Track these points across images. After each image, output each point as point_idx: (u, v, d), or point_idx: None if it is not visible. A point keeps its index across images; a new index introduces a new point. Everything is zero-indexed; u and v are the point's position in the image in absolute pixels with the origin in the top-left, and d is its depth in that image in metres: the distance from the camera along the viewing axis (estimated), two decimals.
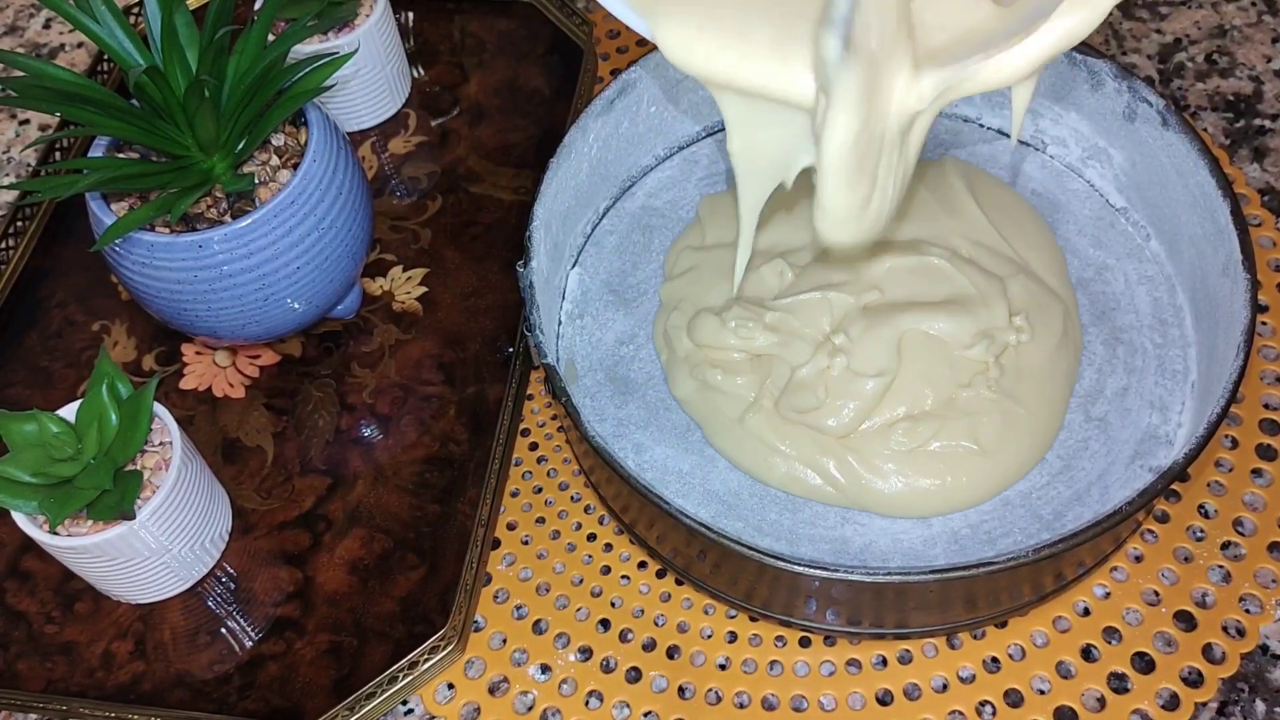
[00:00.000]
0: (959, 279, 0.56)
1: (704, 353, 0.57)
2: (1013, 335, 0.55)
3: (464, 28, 0.77)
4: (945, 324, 0.55)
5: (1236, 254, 0.52)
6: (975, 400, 0.54)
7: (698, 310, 0.58)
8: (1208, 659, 0.52)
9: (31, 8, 0.83)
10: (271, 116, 0.53)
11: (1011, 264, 0.57)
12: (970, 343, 0.55)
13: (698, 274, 0.60)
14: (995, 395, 0.54)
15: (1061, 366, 0.56)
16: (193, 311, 0.54)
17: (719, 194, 0.63)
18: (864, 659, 0.53)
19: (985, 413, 0.54)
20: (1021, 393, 0.54)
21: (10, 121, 0.77)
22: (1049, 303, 0.56)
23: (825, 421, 0.54)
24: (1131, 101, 0.57)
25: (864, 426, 0.54)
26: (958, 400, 0.54)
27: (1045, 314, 0.56)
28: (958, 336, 0.55)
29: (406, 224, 0.68)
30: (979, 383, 0.54)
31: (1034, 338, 0.55)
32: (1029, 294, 0.56)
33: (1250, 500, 0.56)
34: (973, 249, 0.58)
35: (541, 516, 0.58)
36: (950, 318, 0.55)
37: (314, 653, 0.54)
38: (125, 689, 0.54)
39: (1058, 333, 0.55)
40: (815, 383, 0.54)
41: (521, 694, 0.53)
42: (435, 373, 0.62)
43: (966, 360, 0.55)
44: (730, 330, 0.56)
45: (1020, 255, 0.58)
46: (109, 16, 0.52)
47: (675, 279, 0.60)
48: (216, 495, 0.56)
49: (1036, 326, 0.55)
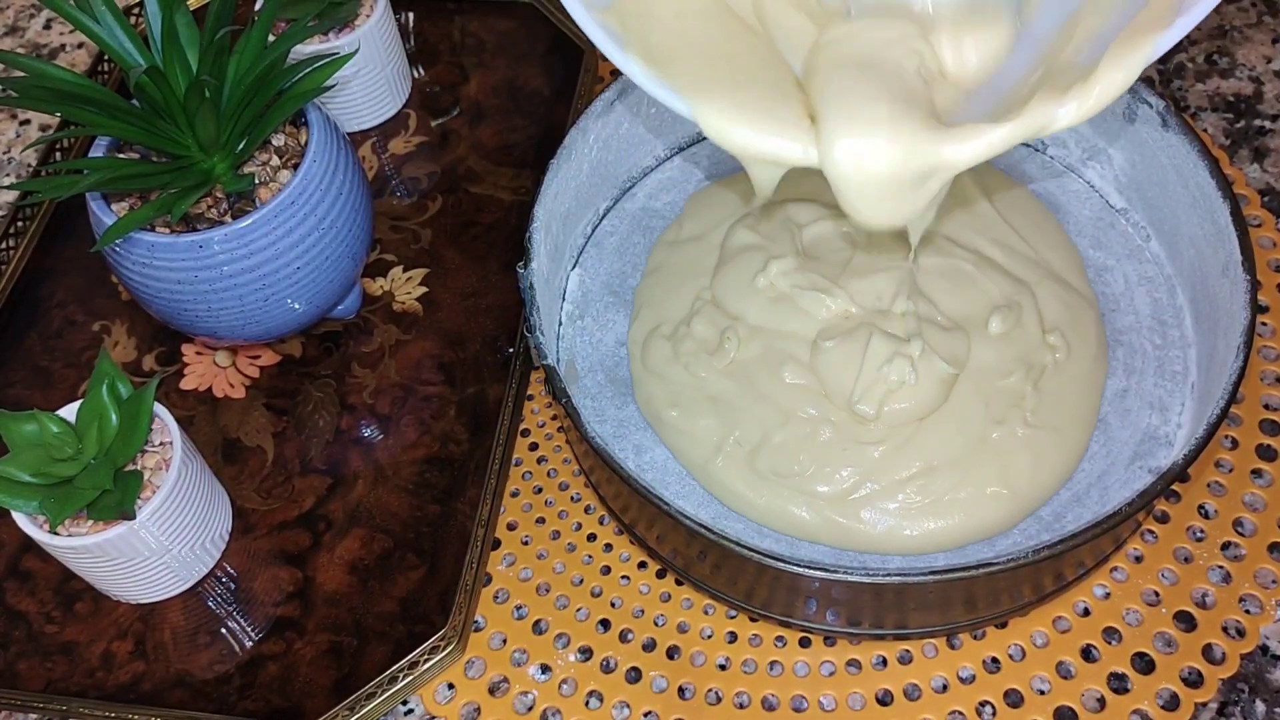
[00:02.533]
0: (990, 288, 0.53)
1: (658, 382, 0.55)
2: (1049, 355, 0.52)
3: (464, 28, 0.77)
4: (988, 353, 0.50)
5: (1236, 255, 0.52)
6: (1008, 439, 0.51)
7: (654, 326, 0.56)
8: (1208, 659, 0.52)
9: (32, 8, 0.83)
10: (272, 117, 0.53)
11: (1035, 266, 0.56)
12: (1009, 369, 0.51)
13: (662, 275, 0.59)
14: (1030, 429, 0.51)
15: (1095, 381, 0.54)
16: (193, 312, 0.54)
17: (706, 188, 0.63)
18: (864, 659, 0.53)
19: (1018, 450, 0.51)
20: (1058, 419, 0.52)
21: (11, 122, 0.77)
22: (1081, 311, 0.54)
23: (815, 487, 0.51)
24: (1131, 102, 0.57)
25: (865, 490, 0.51)
26: (988, 441, 0.51)
27: (1078, 325, 0.54)
28: (998, 365, 0.51)
29: (407, 224, 0.68)
30: (1013, 418, 0.51)
31: (1070, 354, 0.53)
32: (1060, 303, 0.54)
33: (1250, 500, 0.56)
34: (993, 249, 0.56)
35: (541, 516, 0.58)
36: (991, 346, 0.51)
37: (314, 653, 0.54)
38: (125, 689, 0.54)
39: (1093, 346, 0.54)
40: (794, 449, 0.52)
41: (521, 694, 0.53)
42: (435, 373, 0.62)
43: (1002, 390, 0.51)
44: (681, 365, 0.53)
45: (1041, 255, 0.57)
46: (109, 17, 0.52)
47: (645, 278, 0.59)
48: (216, 495, 0.56)
49: (1072, 342, 0.53)
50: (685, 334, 0.56)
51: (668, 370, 0.55)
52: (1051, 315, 0.55)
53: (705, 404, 0.54)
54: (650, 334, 0.56)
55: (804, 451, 0.52)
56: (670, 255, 0.60)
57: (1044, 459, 0.52)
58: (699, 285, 0.58)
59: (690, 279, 0.58)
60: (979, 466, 0.51)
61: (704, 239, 0.60)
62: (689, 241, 0.60)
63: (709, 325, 0.55)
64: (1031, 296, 0.55)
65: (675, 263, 0.59)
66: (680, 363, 0.55)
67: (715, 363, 0.54)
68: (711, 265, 0.58)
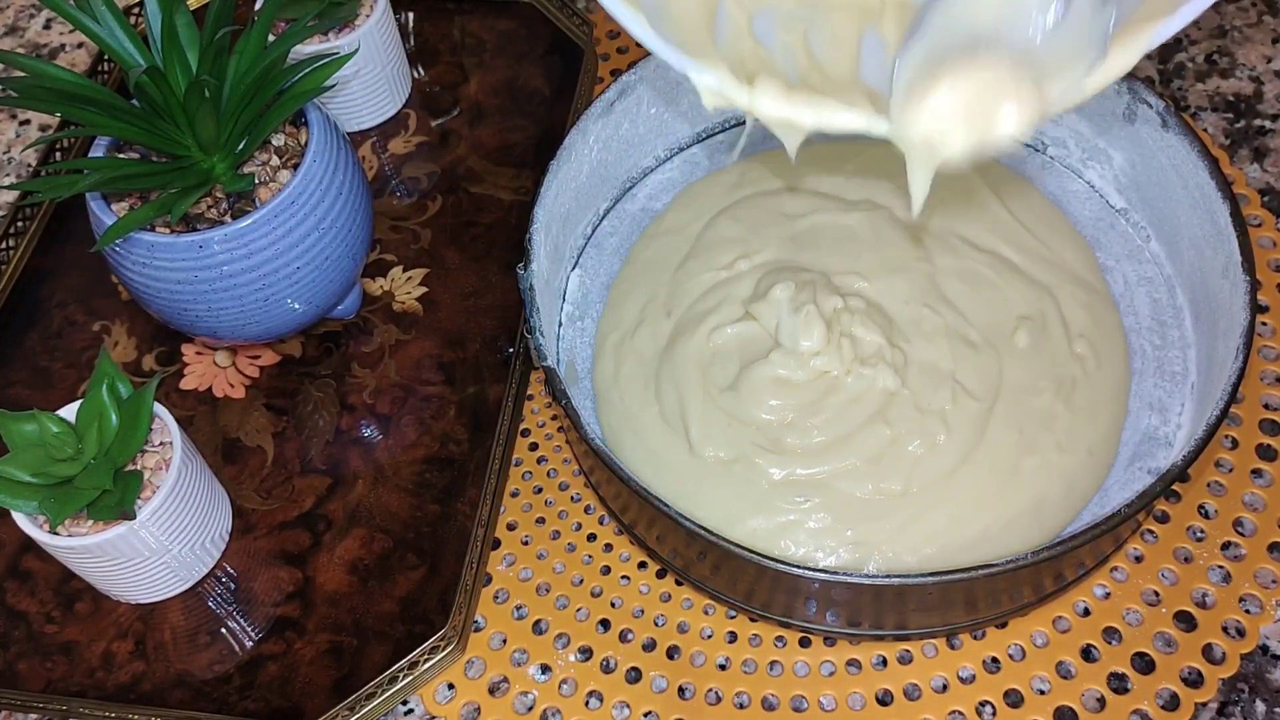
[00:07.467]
0: (1012, 295, 0.52)
1: (617, 395, 0.54)
2: (1077, 366, 0.51)
3: (464, 28, 0.77)
4: (1018, 371, 0.48)
5: (1236, 256, 0.52)
6: (1041, 469, 0.49)
7: (609, 332, 0.55)
8: (1208, 659, 0.52)
9: (32, 8, 0.83)
10: (272, 117, 0.53)
11: (1053, 268, 0.55)
12: (1040, 387, 0.50)
13: (628, 270, 0.58)
14: (1063, 454, 0.49)
15: (1123, 389, 0.52)
16: (193, 312, 0.54)
17: (698, 180, 0.63)
18: (864, 659, 0.53)
19: (1052, 482, 0.49)
20: (1092, 438, 0.50)
21: (10, 122, 0.77)
22: (1104, 314, 0.53)
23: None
24: (1131, 102, 0.57)
25: (877, 559, 0.50)
26: (1021, 475, 0.50)
27: (1103, 329, 0.52)
28: (1030, 383, 0.49)
29: (406, 224, 0.68)
30: (1045, 443, 0.49)
31: (1099, 364, 0.51)
32: (1084, 308, 0.53)
33: (1250, 500, 0.56)
34: (1009, 250, 0.56)
35: (541, 516, 0.58)
36: (1020, 362, 0.48)
37: (314, 653, 0.54)
38: (125, 689, 0.54)
39: (1120, 351, 0.52)
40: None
41: (521, 694, 0.53)
42: (435, 373, 0.62)
43: (1034, 413, 0.49)
44: (621, 386, 0.53)
45: (1057, 254, 0.56)
46: (109, 17, 0.52)
47: (620, 270, 0.59)
48: (216, 495, 0.56)
49: (1100, 349, 0.51)
50: (629, 349, 0.56)
51: (612, 384, 0.55)
52: (1077, 322, 0.54)
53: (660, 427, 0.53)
54: (605, 340, 0.56)
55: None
56: (646, 248, 0.60)
57: (1076, 487, 0.51)
58: (659, 282, 0.57)
59: (656, 273, 0.58)
60: (1010, 504, 0.50)
61: (683, 230, 0.60)
62: (666, 234, 0.60)
63: (652, 340, 0.55)
64: (1054, 303, 0.54)
65: (647, 257, 0.59)
66: (620, 381, 0.55)
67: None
68: (680, 259, 0.58)
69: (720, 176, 0.62)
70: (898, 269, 0.55)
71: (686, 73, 0.41)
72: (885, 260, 0.55)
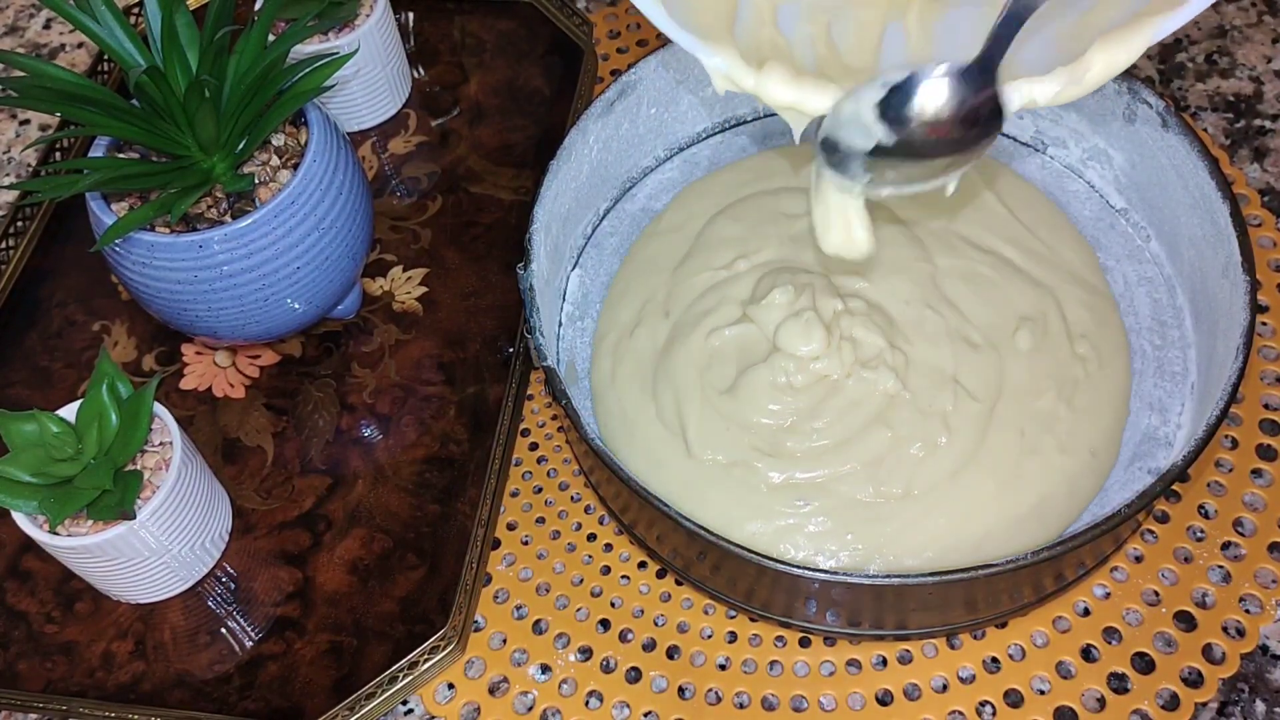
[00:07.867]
0: (1014, 295, 0.52)
1: (614, 396, 0.54)
2: (1079, 367, 0.51)
3: (464, 28, 0.77)
4: (1020, 373, 0.48)
5: (1236, 255, 0.52)
6: (1042, 471, 0.49)
7: (607, 331, 0.55)
8: (1208, 659, 0.52)
9: (31, 8, 0.83)
10: (272, 116, 0.53)
11: (1054, 267, 0.55)
12: (1042, 389, 0.50)
13: (627, 269, 0.58)
14: (1065, 455, 0.50)
15: (1124, 390, 0.52)
16: (193, 311, 0.54)
17: (700, 179, 0.63)
18: (864, 659, 0.53)
19: (1054, 484, 0.49)
20: (1094, 438, 0.50)
21: (10, 121, 0.77)
22: (1105, 313, 0.53)
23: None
24: (1131, 102, 0.57)
25: (878, 562, 0.50)
26: (1023, 477, 0.50)
27: (1105, 329, 0.52)
28: (1031, 385, 0.50)
29: (406, 224, 0.68)
30: (1047, 445, 0.49)
31: (1100, 364, 0.51)
32: (1085, 308, 0.53)
33: (1250, 500, 0.56)
34: (1009, 249, 0.56)
35: (541, 516, 0.58)
36: (1022, 364, 0.48)
37: (314, 653, 0.54)
38: (125, 689, 0.54)
39: (1121, 351, 0.52)
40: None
41: (521, 694, 0.53)
42: (435, 373, 0.62)
43: (1036, 415, 0.50)
44: (618, 387, 0.52)
45: (1057, 253, 0.56)
46: (109, 16, 0.52)
47: (619, 269, 0.59)
48: (216, 495, 0.56)
49: (1101, 349, 0.51)
50: (627, 349, 0.56)
51: (609, 387, 0.55)
52: (1078, 322, 0.54)
53: (659, 426, 0.53)
54: (601, 341, 0.56)
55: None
56: (644, 247, 0.60)
57: (1078, 488, 0.51)
58: (658, 282, 0.57)
59: (655, 273, 0.58)
60: (1012, 506, 0.49)
61: (682, 229, 0.60)
62: (665, 233, 0.60)
63: (649, 341, 0.55)
64: (1056, 303, 0.54)
65: (645, 256, 0.59)
66: (616, 382, 0.55)
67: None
68: (679, 259, 0.58)
69: (720, 176, 0.62)
70: (898, 269, 0.55)
71: (696, 55, 0.42)
72: (886, 260, 0.55)
